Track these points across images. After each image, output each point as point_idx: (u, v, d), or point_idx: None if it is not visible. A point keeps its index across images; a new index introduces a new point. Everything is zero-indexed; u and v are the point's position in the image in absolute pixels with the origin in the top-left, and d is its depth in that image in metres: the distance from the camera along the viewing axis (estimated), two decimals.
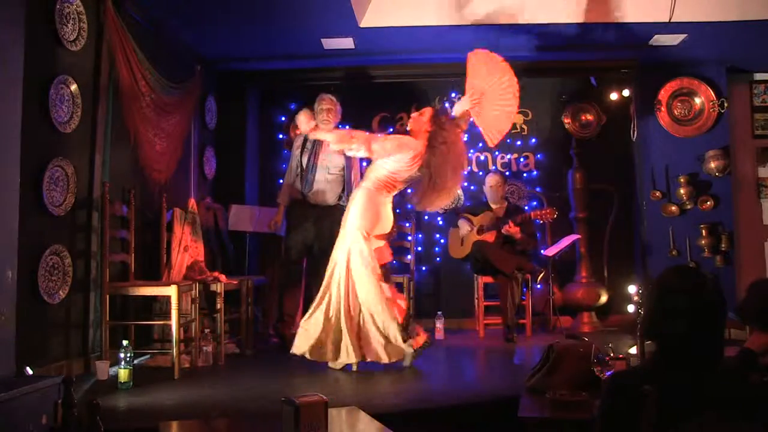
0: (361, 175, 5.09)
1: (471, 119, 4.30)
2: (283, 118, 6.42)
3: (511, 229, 5.31)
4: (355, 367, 3.96)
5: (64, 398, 2.36)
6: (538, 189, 6.36)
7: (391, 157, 4.11)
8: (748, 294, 2.58)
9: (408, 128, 4.32)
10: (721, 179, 5.99)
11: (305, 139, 5.06)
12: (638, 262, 6.19)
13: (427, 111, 4.25)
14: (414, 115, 4.29)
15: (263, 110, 6.49)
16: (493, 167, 6.36)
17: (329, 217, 4.96)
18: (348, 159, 5.00)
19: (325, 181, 5.01)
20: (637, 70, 5.97)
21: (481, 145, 6.44)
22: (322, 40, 5.38)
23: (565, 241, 5.75)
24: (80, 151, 3.91)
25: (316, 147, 5.02)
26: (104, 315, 3.89)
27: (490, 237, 5.49)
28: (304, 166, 5.01)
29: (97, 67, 4.08)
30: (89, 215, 3.98)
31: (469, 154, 6.42)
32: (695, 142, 6.04)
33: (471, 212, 5.72)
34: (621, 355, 2.95)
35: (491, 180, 5.69)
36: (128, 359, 3.48)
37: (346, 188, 5.05)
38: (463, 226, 5.63)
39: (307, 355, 4.00)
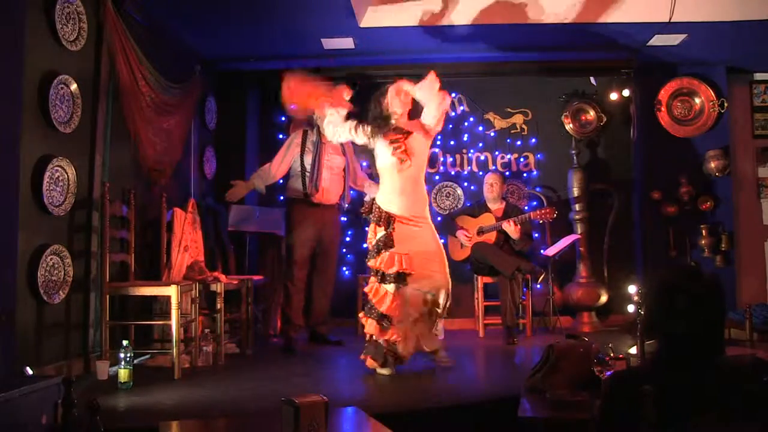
0: (354, 175, 5.11)
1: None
2: (283, 118, 6.40)
3: (511, 227, 5.30)
4: None
5: (64, 398, 2.35)
6: (538, 189, 6.36)
7: None
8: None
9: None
10: (721, 179, 6.00)
11: (305, 140, 5.02)
12: (638, 262, 6.19)
13: None
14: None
15: (263, 110, 6.48)
16: (493, 167, 6.35)
17: (331, 216, 5.08)
18: (347, 159, 5.05)
19: (330, 180, 5.01)
20: (637, 70, 5.96)
21: (481, 145, 6.45)
22: (322, 40, 5.39)
23: (565, 241, 5.74)
24: (80, 151, 3.91)
25: (320, 148, 4.96)
26: (104, 315, 3.88)
27: (490, 238, 5.48)
28: (308, 166, 4.93)
29: (97, 67, 4.08)
30: (89, 215, 3.97)
31: (469, 154, 6.43)
32: (695, 142, 6.05)
33: (470, 213, 5.69)
34: (621, 355, 2.95)
35: (489, 178, 5.67)
36: (128, 359, 3.48)
37: (347, 188, 5.10)
38: (463, 240, 5.57)
39: None
